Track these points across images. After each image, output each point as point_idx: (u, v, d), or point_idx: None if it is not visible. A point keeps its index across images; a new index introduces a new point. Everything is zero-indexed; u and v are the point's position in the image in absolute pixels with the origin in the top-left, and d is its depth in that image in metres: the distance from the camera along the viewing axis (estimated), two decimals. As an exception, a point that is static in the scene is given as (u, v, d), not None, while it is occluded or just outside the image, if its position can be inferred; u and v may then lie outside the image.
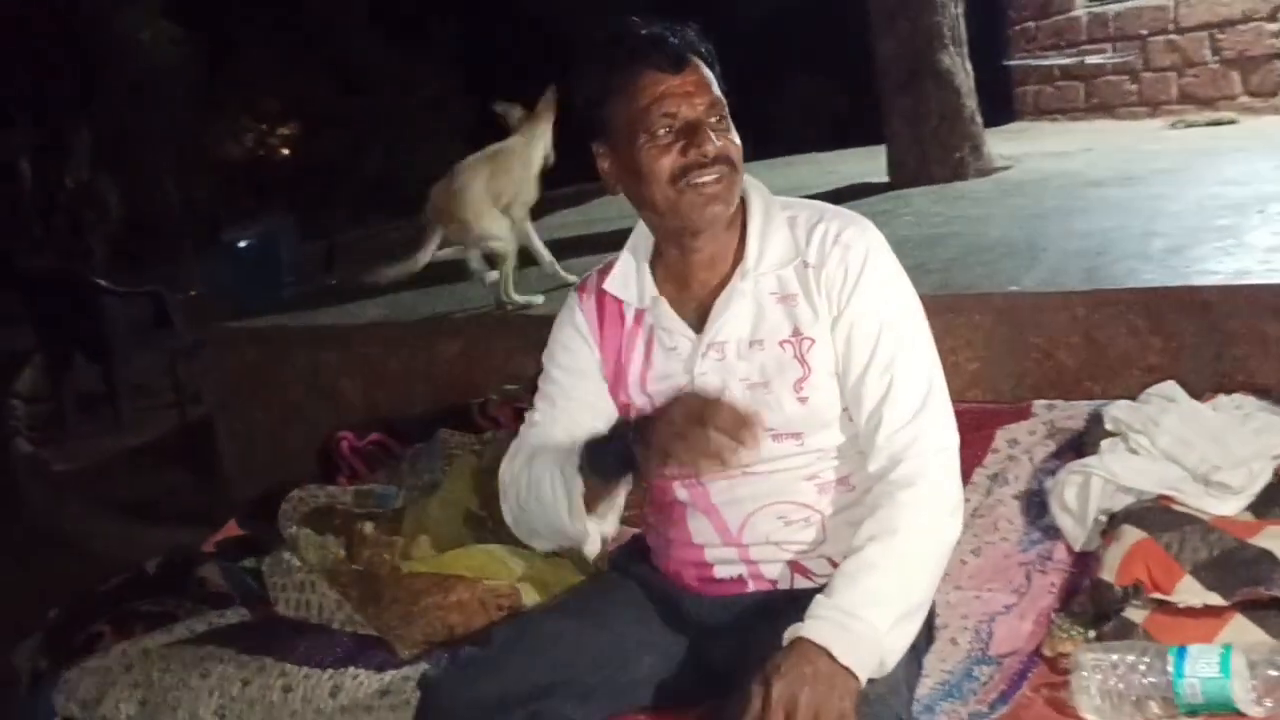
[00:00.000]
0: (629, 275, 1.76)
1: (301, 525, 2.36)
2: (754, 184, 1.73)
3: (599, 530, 1.66)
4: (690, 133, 1.60)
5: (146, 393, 6.47)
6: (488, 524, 2.31)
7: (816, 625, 1.43)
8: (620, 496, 1.68)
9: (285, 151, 12.85)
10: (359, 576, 2.16)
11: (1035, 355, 2.98)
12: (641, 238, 1.77)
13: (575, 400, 1.77)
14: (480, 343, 3.70)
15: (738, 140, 1.65)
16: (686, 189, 1.61)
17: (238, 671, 2.02)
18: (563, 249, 4.20)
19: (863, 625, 1.43)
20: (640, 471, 1.60)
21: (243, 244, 6.18)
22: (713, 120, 1.62)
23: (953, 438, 1.65)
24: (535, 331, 1.87)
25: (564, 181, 4.44)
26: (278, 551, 2.31)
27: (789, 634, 1.44)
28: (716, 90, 1.64)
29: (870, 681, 1.45)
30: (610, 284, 1.78)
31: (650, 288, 1.74)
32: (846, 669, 1.40)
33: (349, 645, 2.05)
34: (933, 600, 1.78)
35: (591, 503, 1.62)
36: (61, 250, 6.68)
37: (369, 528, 2.34)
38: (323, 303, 4.58)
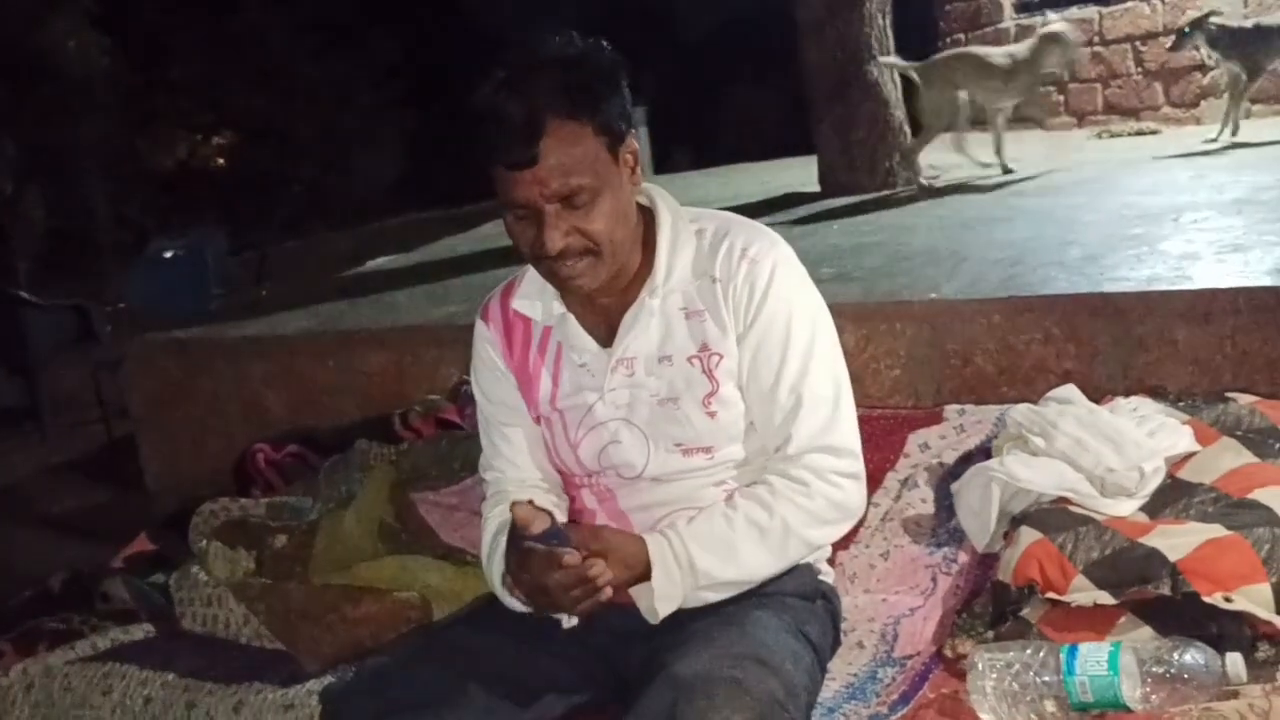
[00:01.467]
0: (535, 293, 1.75)
1: (212, 539, 2.32)
2: (662, 196, 1.72)
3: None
4: (539, 223, 1.54)
5: (72, 408, 6.34)
6: (401, 535, 2.30)
7: (658, 545, 1.58)
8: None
9: (218, 162, 12.68)
10: (267, 590, 2.13)
11: (954, 362, 3.01)
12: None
13: (515, 443, 1.78)
14: (407, 354, 3.67)
15: (605, 217, 1.55)
16: (547, 270, 1.61)
17: (140, 688, 1.98)
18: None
19: (694, 577, 1.58)
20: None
21: (169, 255, 6.10)
22: (573, 204, 1.53)
23: (855, 451, 1.67)
24: (463, 343, 1.87)
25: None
26: (186, 566, 2.27)
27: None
28: (579, 169, 1.52)
29: (768, 685, 1.47)
30: (517, 302, 1.77)
31: (557, 305, 1.73)
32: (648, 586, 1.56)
33: (254, 659, 2.02)
34: (840, 603, 1.81)
35: None
36: (-16, 264, 6.53)
37: (280, 540, 2.31)
38: (251, 314, 4.52)
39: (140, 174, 11.53)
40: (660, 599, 1.57)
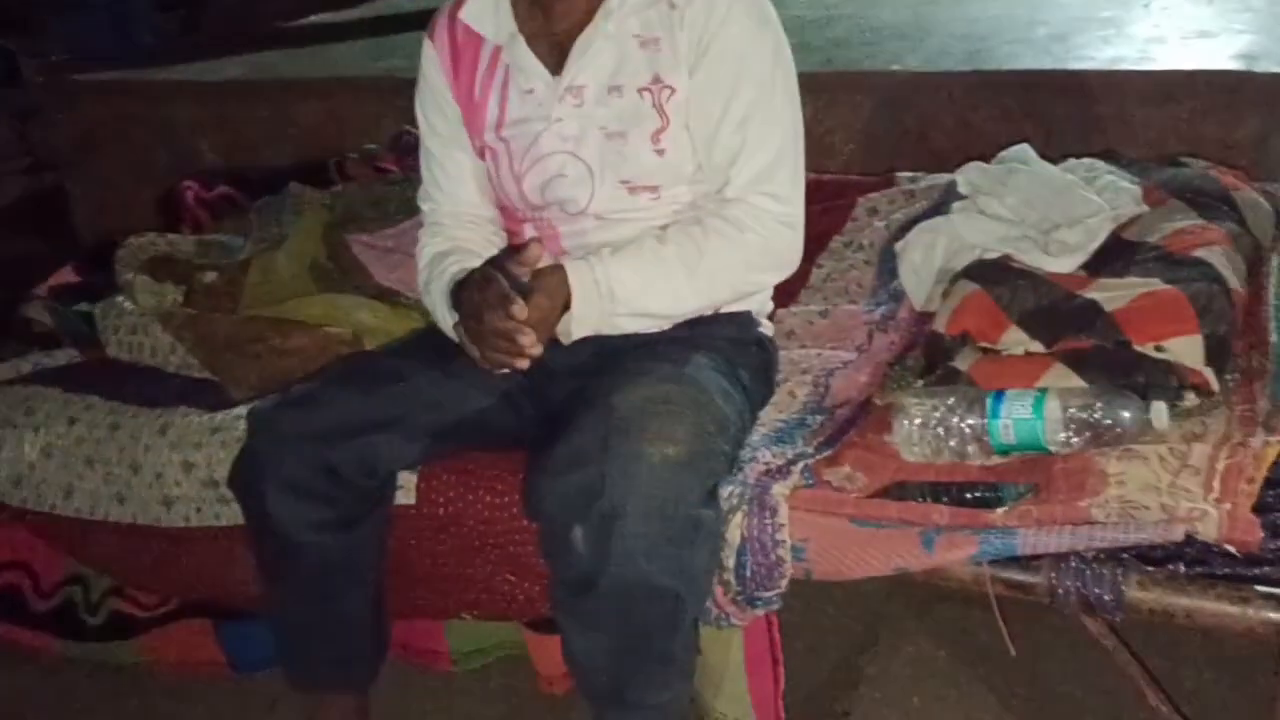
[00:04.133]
0: (489, 7, 1.66)
1: (139, 272, 2.25)
2: None
3: None
4: None
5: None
6: (334, 275, 2.24)
7: (578, 271, 1.55)
8: None
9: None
10: (194, 319, 2.09)
11: (911, 136, 2.96)
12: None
13: (453, 175, 1.72)
14: (344, 106, 3.54)
15: None
16: None
17: (64, 410, 1.95)
18: None
19: (612, 304, 1.55)
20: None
21: (95, -2, 5.75)
22: None
23: (798, 206, 1.62)
24: (402, 98, 1.78)
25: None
26: (111, 296, 2.21)
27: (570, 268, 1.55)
28: None
29: (699, 418, 1.47)
30: (466, 13, 1.67)
31: (509, 22, 1.64)
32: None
33: (181, 386, 1.99)
34: (777, 355, 1.81)
35: None
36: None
37: (210, 276, 2.25)
38: (183, 59, 4.31)
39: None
40: (576, 321, 1.55)
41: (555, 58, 1.62)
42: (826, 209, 2.34)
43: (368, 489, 1.63)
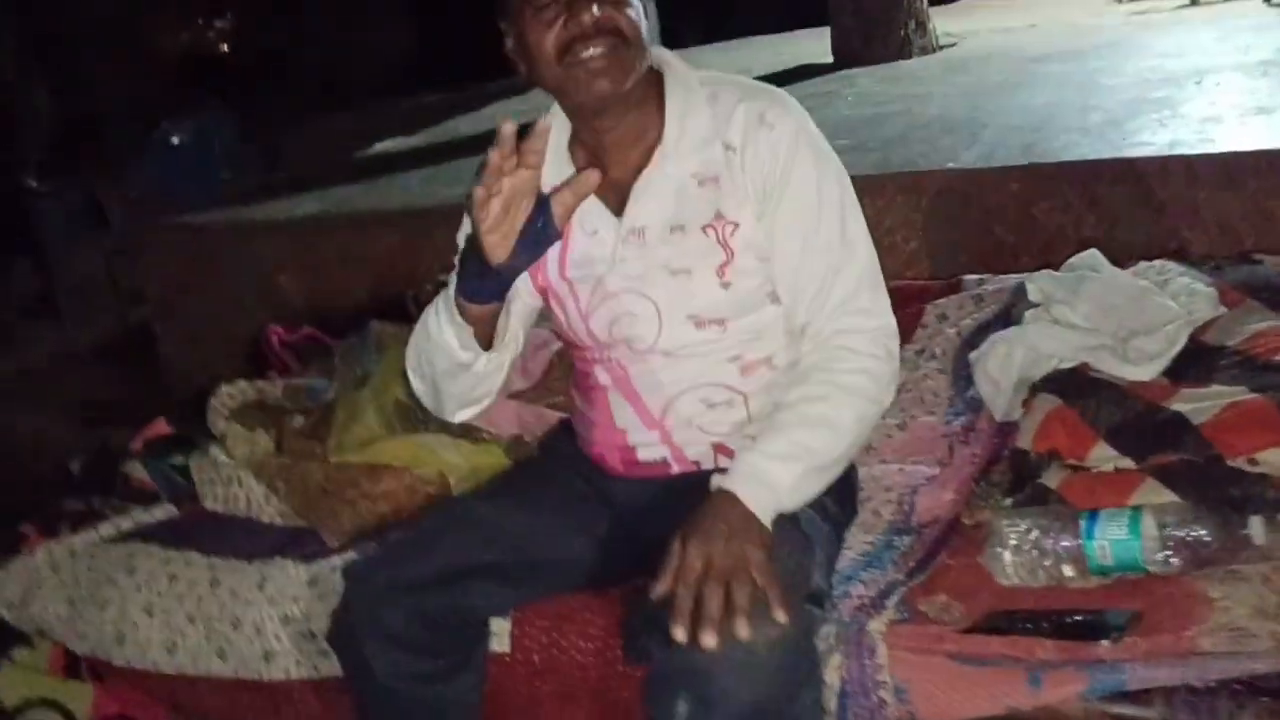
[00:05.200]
0: (547, 153, 1.71)
1: (231, 421, 2.33)
2: (671, 60, 1.66)
3: (501, 356, 1.63)
4: (571, 3, 1.51)
5: (87, 295, 6.34)
6: (417, 414, 2.29)
7: (732, 478, 1.47)
8: (509, 319, 1.63)
9: (224, 44, 12.45)
10: (287, 468, 2.14)
11: (973, 231, 2.97)
12: (558, 117, 1.72)
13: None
14: (418, 233, 3.64)
15: (634, 11, 1.54)
16: (572, 65, 1.53)
17: (164, 567, 2.01)
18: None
19: (774, 476, 1.47)
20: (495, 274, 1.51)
21: (177, 140, 6.03)
22: None
23: (888, 315, 1.63)
24: None
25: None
26: (205, 447, 2.28)
27: (712, 483, 1.48)
28: None
29: (787, 552, 1.47)
30: None
31: (569, 168, 1.69)
32: (756, 515, 1.43)
33: (277, 537, 2.04)
34: (857, 474, 1.80)
35: (482, 336, 1.58)
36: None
37: (298, 421, 2.31)
38: (262, 198, 4.48)
39: (147, 59, 11.33)
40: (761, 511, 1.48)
41: (616, 200, 1.65)
42: (895, 316, 2.34)
43: (464, 638, 1.65)
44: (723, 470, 1.57)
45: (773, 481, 1.47)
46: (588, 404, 1.76)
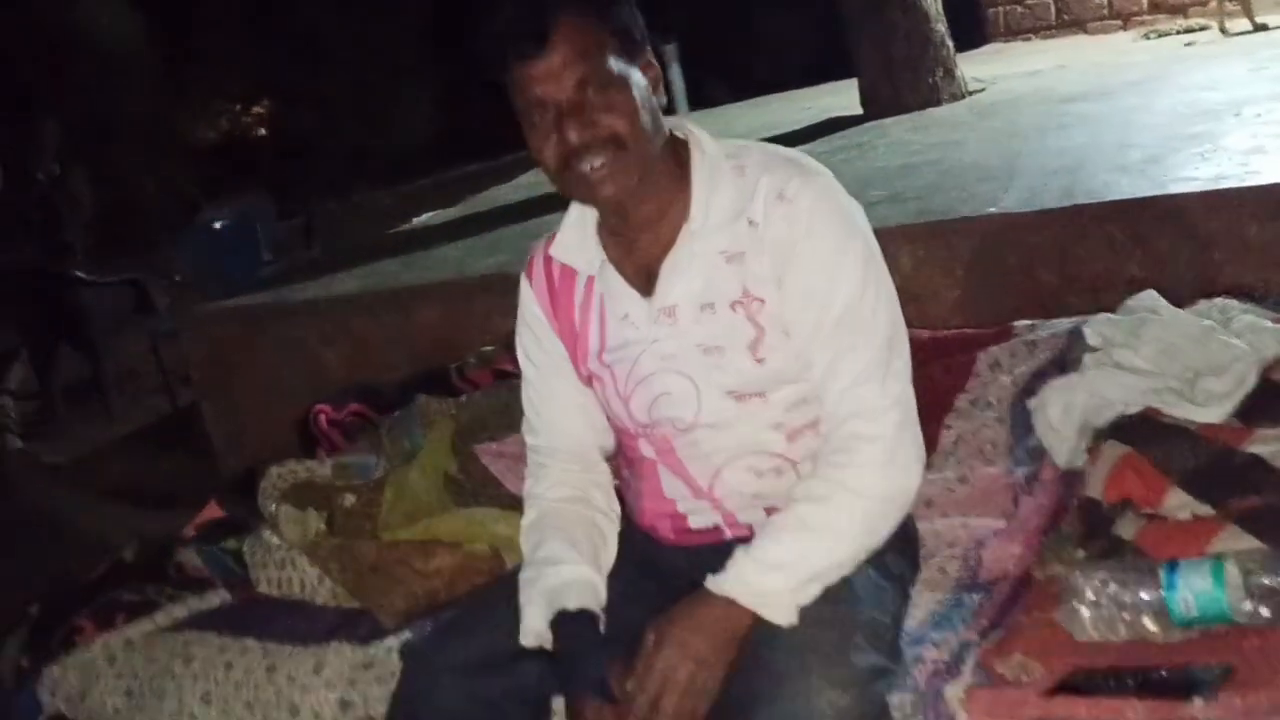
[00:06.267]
0: (577, 240, 1.68)
1: (281, 502, 2.32)
2: (696, 133, 1.63)
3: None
4: (559, 119, 1.49)
5: (134, 380, 6.43)
6: (466, 487, 2.28)
7: (722, 580, 1.48)
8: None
9: (259, 129, 12.71)
10: (339, 549, 2.13)
11: (1016, 276, 2.93)
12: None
13: (556, 409, 1.75)
14: (459, 305, 3.66)
15: (634, 104, 1.50)
16: (573, 177, 1.52)
17: (221, 655, 1.99)
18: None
19: (765, 585, 1.46)
20: None
21: (218, 225, 6.13)
22: (591, 93, 1.48)
23: (908, 392, 1.56)
24: (511, 294, 1.83)
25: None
26: (258, 530, 2.28)
27: (707, 579, 1.49)
28: (594, 58, 1.48)
29: (848, 630, 1.44)
30: (557, 250, 1.70)
31: (598, 252, 1.66)
32: (730, 629, 1.45)
33: (332, 619, 2.02)
34: (915, 525, 1.75)
35: None
36: (39, 246, 6.61)
37: (349, 499, 2.30)
38: (303, 277, 4.53)
39: (184, 146, 11.59)
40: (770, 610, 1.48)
41: (645, 281, 1.63)
42: (948, 367, 2.30)
43: (523, 717, 1.61)
44: None
45: (764, 589, 1.46)
46: (635, 475, 1.73)
